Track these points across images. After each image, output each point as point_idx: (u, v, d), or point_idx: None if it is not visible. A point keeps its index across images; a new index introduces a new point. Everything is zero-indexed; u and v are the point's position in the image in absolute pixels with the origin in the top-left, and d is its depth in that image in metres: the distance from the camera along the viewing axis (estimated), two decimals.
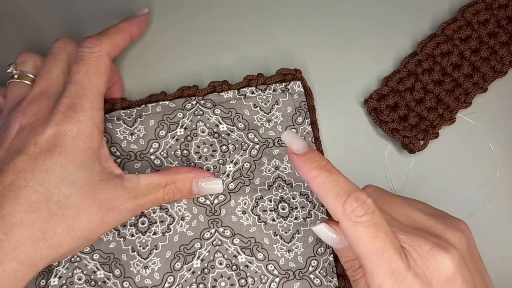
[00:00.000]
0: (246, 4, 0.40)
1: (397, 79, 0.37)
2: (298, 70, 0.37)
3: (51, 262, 0.29)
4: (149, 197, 0.31)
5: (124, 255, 0.34)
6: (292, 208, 0.34)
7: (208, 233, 0.34)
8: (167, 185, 0.32)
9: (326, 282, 0.33)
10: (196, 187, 0.33)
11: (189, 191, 0.33)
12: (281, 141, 0.35)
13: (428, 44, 0.38)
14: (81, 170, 0.29)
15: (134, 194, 0.31)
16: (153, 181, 0.32)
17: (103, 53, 0.32)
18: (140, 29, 0.37)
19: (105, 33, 0.33)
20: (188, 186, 0.33)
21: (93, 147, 0.30)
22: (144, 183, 0.31)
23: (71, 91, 0.31)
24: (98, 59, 0.32)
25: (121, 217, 0.30)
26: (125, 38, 0.35)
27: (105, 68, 0.32)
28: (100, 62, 0.32)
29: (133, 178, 0.31)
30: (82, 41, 0.33)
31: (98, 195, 0.30)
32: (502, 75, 0.38)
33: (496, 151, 0.37)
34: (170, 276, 0.33)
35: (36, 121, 0.30)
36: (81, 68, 0.31)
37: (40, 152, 0.29)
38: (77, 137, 0.30)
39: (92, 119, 0.31)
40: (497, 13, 0.38)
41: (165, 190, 0.32)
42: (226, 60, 0.39)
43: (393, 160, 0.37)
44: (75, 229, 0.29)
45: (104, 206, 0.30)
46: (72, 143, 0.29)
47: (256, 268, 0.34)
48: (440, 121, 0.37)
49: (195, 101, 0.36)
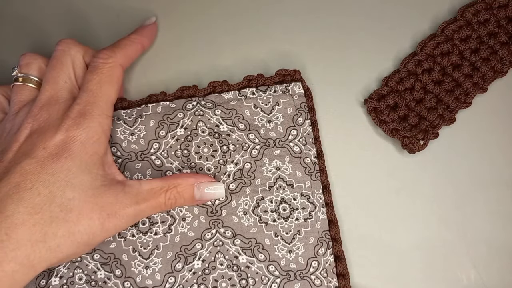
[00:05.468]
0: (246, 4, 0.40)
1: (397, 79, 0.37)
2: (297, 71, 0.37)
3: (50, 266, 0.29)
4: (151, 202, 0.31)
5: (125, 255, 0.34)
6: (293, 209, 0.34)
7: (209, 233, 0.34)
8: (169, 190, 0.32)
9: (326, 283, 0.34)
10: (198, 192, 0.33)
11: (191, 196, 0.33)
12: (281, 142, 0.35)
13: (428, 44, 0.38)
14: (85, 174, 0.30)
15: (135, 199, 0.31)
16: (154, 186, 0.32)
17: (117, 64, 0.33)
18: (151, 39, 0.38)
19: (118, 45, 0.35)
20: (190, 191, 0.33)
21: (99, 152, 0.31)
22: (145, 188, 0.32)
23: (83, 98, 0.32)
24: (111, 70, 0.33)
25: (122, 223, 0.30)
26: (137, 49, 0.36)
27: (118, 78, 0.33)
28: (113, 72, 0.33)
29: (135, 184, 0.32)
30: (96, 52, 0.34)
31: (100, 200, 0.30)
32: (502, 75, 0.38)
33: (497, 151, 0.37)
34: (171, 277, 0.33)
35: (45, 127, 0.31)
36: (95, 77, 0.32)
37: (48, 156, 0.29)
38: (85, 142, 0.30)
39: (101, 125, 0.31)
40: (497, 13, 0.38)
41: (166, 195, 0.32)
42: (226, 60, 0.39)
43: (393, 160, 0.37)
44: (75, 233, 0.29)
45: (105, 211, 0.30)
46: (80, 148, 0.30)
47: (257, 269, 0.34)
48: (440, 121, 0.37)
49: (195, 102, 0.36)
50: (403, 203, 0.36)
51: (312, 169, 0.35)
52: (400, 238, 0.36)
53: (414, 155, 0.37)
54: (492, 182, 0.37)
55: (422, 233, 0.36)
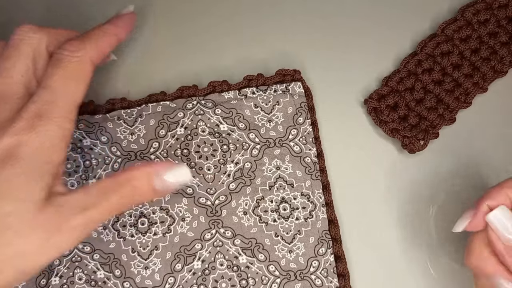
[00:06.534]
0: (246, 4, 0.40)
1: (397, 79, 0.37)
2: (297, 71, 0.37)
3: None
4: (102, 206, 0.26)
5: (124, 255, 0.33)
6: (293, 209, 0.34)
7: (209, 234, 0.34)
8: (122, 187, 0.27)
9: (327, 283, 0.33)
10: (159, 181, 0.27)
11: (150, 188, 0.27)
12: (282, 141, 0.35)
13: (428, 44, 0.38)
14: (31, 186, 0.25)
15: (82, 206, 0.26)
16: (104, 185, 0.26)
17: (86, 58, 0.28)
18: (126, 30, 0.32)
19: (89, 36, 0.29)
20: (149, 183, 0.27)
21: (54, 161, 0.26)
22: (93, 191, 0.26)
23: (42, 96, 0.26)
24: (78, 64, 0.28)
25: (68, 240, 0.25)
26: (111, 42, 0.30)
27: (86, 76, 0.28)
28: (81, 68, 0.28)
29: (80, 190, 0.26)
30: (62, 44, 0.28)
31: (41, 215, 0.25)
32: (502, 75, 0.38)
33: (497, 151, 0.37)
34: (171, 277, 0.33)
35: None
36: (57, 72, 0.27)
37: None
38: (38, 148, 0.25)
39: (61, 130, 0.26)
40: (497, 13, 0.38)
41: (120, 193, 0.26)
42: (226, 60, 0.39)
43: (393, 160, 0.37)
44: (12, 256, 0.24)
45: (46, 229, 0.25)
46: (30, 155, 0.25)
47: (257, 269, 0.34)
48: (440, 121, 0.37)
49: (195, 101, 0.36)
50: (403, 203, 0.36)
51: (312, 169, 0.35)
52: (401, 238, 0.36)
53: (414, 155, 0.37)
54: (492, 182, 0.37)
55: (422, 233, 0.36)
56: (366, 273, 0.35)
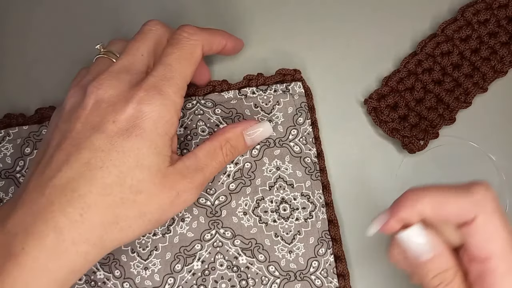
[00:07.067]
0: (245, 4, 0.40)
1: (397, 79, 0.37)
2: (297, 71, 0.37)
3: (120, 245, 0.29)
4: (212, 165, 0.31)
5: (124, 255, 0.33)
6: (293, 209, 0.34)
7: (209, 234, 0.34)
8: (223, 147, 0.31)
9: (327, 283, 0.33)
10: (248, 138, 0.32)
11: (243, 145, 0.32)
12: (282, 141, 0.35)
13: (428, 44, 0.38)
14: (154, 155, 0.29)
15: (198, 168, 0.30)
16: (209, 149, 0.31)
17: (200, 43, 0.31)
18: (234, 48, 0.36)
19: (205, 29, 0.33)
20: (241, 141, 0.32)
21: (169, 133, 0.30)
22: (201, 155, 0.31)
23: (160, 71, 0.30)
24: (193, 47, 0.31)
25: (192, 196, 0.30)
26: (220, 43, 0.34)
27: (197, 58, 0.31)
28: (194, 51, 0.31)
29: (191, 156, 0.31)
30: (180, 26, 0.32)
31: (167, 180, 0.29)
32: (502, 75, 0.38)
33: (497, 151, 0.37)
34: (170, 278, 0.33)
35: (115, 97, 0.29)
36: (175, 51, 0.30)
37: (118, 131, 0.28)
38: (157, 121, 0.29)
39: (175, 105, 0.30)
40: (497, 13, 0.38)
41: (222, 151, 0.31)
42: (226, 60, 0.39)
43: (393, 160, 0.37)
44: (146, 213, 0.28)
45: (174, 190, 0.29)
46: (151, 127, 0.28)
47: (257, 269, 0.34)
48: (440, 121, 0.37)
49: (195, 101, 0.36)
50: None
51: (312, 169, 0.35)
52: None
53: (414, 155, 0.37)
54: (492, 182, 0.37)
55: None
56: (366, 273, 0.35)
